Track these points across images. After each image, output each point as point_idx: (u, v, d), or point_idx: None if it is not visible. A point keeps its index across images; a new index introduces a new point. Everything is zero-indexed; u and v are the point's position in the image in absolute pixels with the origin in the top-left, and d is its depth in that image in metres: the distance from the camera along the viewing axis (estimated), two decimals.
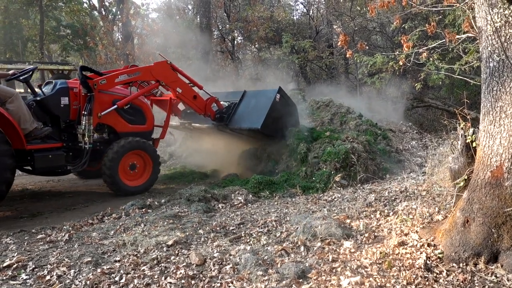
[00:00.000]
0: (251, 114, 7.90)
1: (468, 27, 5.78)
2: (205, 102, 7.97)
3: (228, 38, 19.81)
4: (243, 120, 7.95)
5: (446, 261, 3.38)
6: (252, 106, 8.10)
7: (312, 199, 6.29)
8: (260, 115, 7.64)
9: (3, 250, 4.32)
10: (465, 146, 3.80)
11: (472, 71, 10.79)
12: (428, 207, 4.52)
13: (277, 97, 7.82)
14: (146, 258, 3.90)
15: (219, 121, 8.15)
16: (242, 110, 8.14)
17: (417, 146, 9.83)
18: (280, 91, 7.99)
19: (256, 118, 7.68)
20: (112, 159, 6.77)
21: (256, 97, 8.29)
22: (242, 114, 8.06)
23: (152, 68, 7.36)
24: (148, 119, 7.75)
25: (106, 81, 6.75)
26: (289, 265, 3.47)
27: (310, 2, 20.11)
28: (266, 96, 8.05)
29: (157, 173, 7.44)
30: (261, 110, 7.75)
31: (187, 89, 7.76)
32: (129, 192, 6.99)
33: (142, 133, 7.55)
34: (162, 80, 7.44)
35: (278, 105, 7.88)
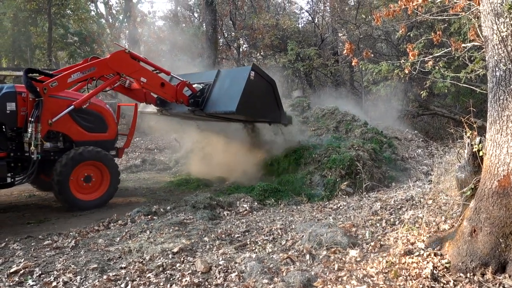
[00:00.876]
0: (226, 96, 7.24)
1: (474, 36, 5.78)
2: (175, 88, 7.39)
3: (233, 45, 19.94)
4: (218, 103, 7.31)
5: (453, 271, 3.36)
6: (226, 87, 7.42)
7: (318, 207, 6.28)
8: (234, 97, 6.97)
9: (10, 256, 4.35)
10: (472, 155, 3.78)
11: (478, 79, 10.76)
12: (434, 216, 4.49)
13: (251, 75, 7.12)
14: (151, 265, 3.90)
15: (194, 106, 7.49)
16: (217, 92, 7.47)
17: (423, 154, 9.79)
18: (255, 68, 7.31)
19: (230, 100, 7.02)
20: (60, 172, 6.21)
21: (230, 77, 7.61)
22: (217, 97, 7.39)
23: (109, 61, 6.68)
24: (110, 127, 7.22)
25: (58, 83, 6.12)
26: (294, 274, 3.46)
27: (315, 10, 20.23)
28: (239, 75, 7.36)
29: (115, 186, 6.87)
30: (235, 90, 7.09)
31: (153, 77, 7.15)
32: (83, 207, 6.46)
33: (103, 142, 7.00)
34: (122, 72, 6.79)
35: (254, 84, 7.19)
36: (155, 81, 7.17)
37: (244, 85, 6.97)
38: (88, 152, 6.49)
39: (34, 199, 7.44)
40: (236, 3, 18.91)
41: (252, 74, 7.12)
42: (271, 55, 19.06)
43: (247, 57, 20.92)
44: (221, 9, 18.54)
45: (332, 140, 9.57)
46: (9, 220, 6.03)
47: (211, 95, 7.45)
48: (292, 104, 12.45)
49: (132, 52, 6.98)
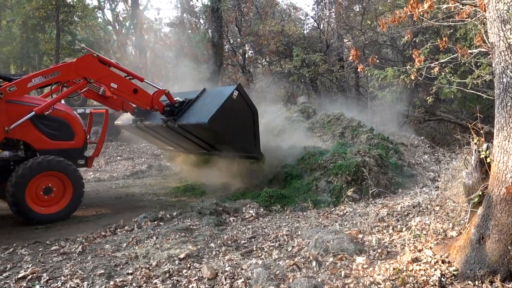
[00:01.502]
0: (203, 109, 7.00)
1: (480, 42, 5.78)
2: (151, 96, 7.09)
3: (239, 51, 20.05)
4: (192, 116, 7.03)
5: (461, 278, 3.33)
6: (206, 102, 7.20)
7: (324, 213, 6.26)
8: (210, 110, 6.73)
9: (18, 261, 4.39)
10: (479, 161, 3.76)
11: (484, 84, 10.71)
12: (442, 223, 4.46)
13: (234, 94, 6.89)
14: (158, 271, 3.91)
15: (168, 114, 7.20)
16: (196, 107, 7.24)
17: (429, 161, 9.74)
18: (240, 88, 7.06)
19: (206, 112, 6.76)
20: (15, 184, 5.73)
21: (213, 94, 7.43)
22: (195, 111, 7.15)
23: (74, 65, 6.25)
24: (77, 135, 6.80)
25: (16, 87, 5.77)
26: (301, 280, 3.45)
27: (320, 16, 20.31)
28: (222, 92, 7.20)
29: (79, 198, 6.42)
30: (213, 105, 6.88)
31: (125, 83, 6.78)
32: (40, 220, 6.00)
33: (69, 150, 6.62)
34: (90, 77, 6.34)
35: (235, 104, 6.91)
36: (127, 87, 6.81)
37: (224, 101, 6.76)
38: (48, 162, 5.99)
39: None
40: (241, 9, 19.05)
41: (235, 93, 6.92)
42: (276, 61, 19.14)
43: (252, 63, 21.02)
44: (227, 15, 18.67)
45: (338, 146, 9.55)
46: (17, 226, 6.08)
47: (189, 109, 7.23)
48: (297, 110, 12.45)
49: (101, 56, 6.63)
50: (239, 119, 7.08)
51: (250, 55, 20.67)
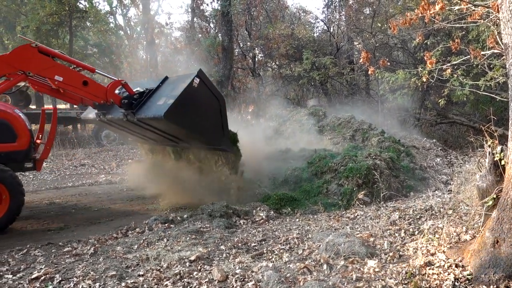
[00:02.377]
0: (161, 101, 6.40)
1: (493, 43, 5.71)
2: (105, 88, 6.47)
3: (249, 55, 20.11)
4: (150, 108, 6.44)
5: (475, 283, 3.27)
6: (166, 93, 6.57)
7: (334, 216, 6.22)
8: (168, 102, 6.15)
9: (31, 262, 4.45)
10: (493, 164, 3.71)
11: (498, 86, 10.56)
12: (455, 226, 4.40)
13: (195, 82, 6.24)
14: (169, 273, 3.93)
15: (126, 107, 6.60)
16: (155, 98, 6.63)
17: (441, 163, 9.62)
18: (201, 75, 6.37)
19: (163, 105, 6.17)
20: None
21: (174, 83, 6.73)
22: (154, 102, 6.55)
23: (9, 57, 5.61)
24: (20, 136, 6.25)
25: None
26: (312, 284, 3.43)
27: (330, 19, 20.27)
28: (182, 81, 6.51)
29: (16, 207, 5.85)
30: (171, 96, 6.26)
31: (72, 75, 6.11)
32: None
33: (11, 153, 6.10)
34: (28, 70, 5.68)
35: (197, 92, 6.29)
36: (75, 80, 6.11)
37: (182, 91, 6.12)
38: None
39: (54, 206, 7.60)
40: (251, 13, 19.13)
41: (196, 81, 6.27)
42: (286, 64, 19.15)
43: (262, 67, 21.06)
44: (237, 19, 18.76)
45: (348, 149, 9.50)
46: (30, 227, 6.17)
47: (148, 100, 6.61)
48: (308, 113, 12.43)
49: (42, 46, 5.88)
50: (202, 109, 6.44)
51: (260, 59, 20.72)
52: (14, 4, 21.54)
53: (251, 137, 10.82)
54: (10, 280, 3.92)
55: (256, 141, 10.80)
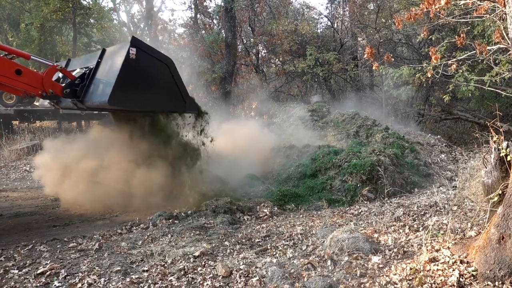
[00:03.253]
0: (103, 83, 5.81)
1: (499, 38, 5.65)
2: (41, 76, 5.86)
3: (252, 51, 20.06)
4: (95, 93, 5.85)
5: (480, 279, 3.26)
6: (107, 70, 5.93)
7: (338, 212, 6.21)
8: (109, 83, 5.55)
9: (37, 257, 4.47)
10: (499, 160, 3.68)
11: (503, 82, 10.48)
12: (460, 223, 4.38)
13: (132, 53, 5.63)
14: (173, 268, 3.95)
15: (70, 97, 5.99)
16: (97, 79, 5.97)
17: (446, 160, 9.57)
18: (136, 43, 5.71)
19: (105, 88, 5.62)
20: None
21: (112, 58, 6.02)
22: (97, 85, 5.93)
23: None
24: None
25: None
26: (316, 279, 3.44)
27: (334, 15, 20.17)
28: (118, 54, 5.86)
29: None
30: (111, 76, 5.64)
31: (1, 63, 5.50)
32: None
33: None
34: None
35: (137, 64, 5.70)
36: (6, 68, 5.48)
37: (121, 67, 5.50)
38: None
39: (59, 202, 7.63)
40: (255, 9, 19.05)
41: (132, 51, 5.63)
42: (289, 60, 19.09)
43: (266, 63, 21.01)
44: (240, 15, 18.71)
45: (352, 145, 9.48)
46: (35, 223, 6.20)
47: (92, 82, 5.96)
48: (311, 109, 12.40)
49: None
50: (150, 79, 5.92)
51: (263, 55, 20.67)
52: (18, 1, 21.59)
53: (254, 133, 10.83)
54: (16, 275, 3.95)
55: (259, 137, 10.81)
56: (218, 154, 10.00)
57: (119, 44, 6.20)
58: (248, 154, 9.43)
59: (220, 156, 9.62)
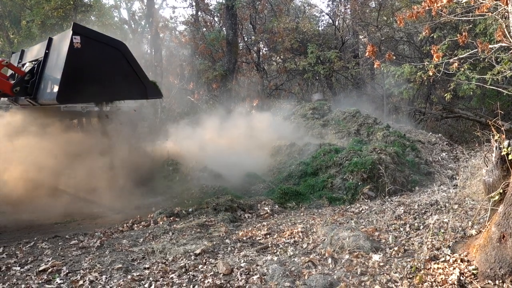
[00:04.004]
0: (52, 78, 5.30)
1: (501, 37, 5.63)
2: None
3: (253, 49, 20.02)
4: (46, 90, 5.37)
5: (480, 277, 3.27)
6: (55, 63, 5.41)
7: (339, 211, 6.22)
8: (56, 79, 5.10)
9: (39, 255, 4.49)
10: (500, 158, 3.68)
11: (505, 81, 10.46)
12: (460, 221, 4.39)
13: (76, 42, 5.06)
14: (174, 266, 3.96)
15: (22, 95, 5.58)
16: (47, 73, 5.48)
17: (447, 158, 9.57)
18: (79, 30, 5.16)
19: (53, 83, 5.17)
20: None
21: (59, 48, 5.48)
22: (48, 79, 5.43)
23: None
24: None
25: None
26: (316, 277, 3.44)
27: (335, 13, 20.10)
28: (63, 44, 5.30)
29: None
30: (58, 69, 5.17)
31: None
32: None
33: None
34: None
35: (84, 54, 5.15)
36: None
37: (65, 60, 5.03)
38: None
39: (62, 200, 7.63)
40: (256, 7, 19.00)
41: (76, 40, 5.07)
42: (291, 58, 19.04)
43: (267, 61, 20.97)
44: (241, 13, 18.65)
45: (353, 143, 9.48)
46: (37, 220, 6.21)
47: (42, 77, 5.47)
48: (312, 107, 12.39)
49: None
50: (102, 66, 5.46)
51: (264, 53, 20.61)
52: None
53: (255, 131, 10.83)
54: (18, 272, 3.97)
55: (260, 135, 10.81)
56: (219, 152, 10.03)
57: (63, 32, 5.66)
58: (249, 152, 9.44)
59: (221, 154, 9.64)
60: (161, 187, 8.15)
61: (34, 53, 6.26)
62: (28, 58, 6.18)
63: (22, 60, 6.51)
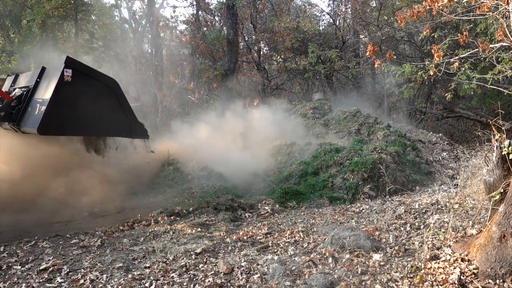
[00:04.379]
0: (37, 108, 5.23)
1: (502, 36, 5.63)
2: None
3: (254, 49, 20.01)
4: (30, 118, 5.32)
5: (481, 277, 3.27)
6: (42, 93, 5.39)
7: (340, 210, 6.22)
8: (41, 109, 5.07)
9: (39, 254, 4.50)
10: (501, 158, 3.67)
11: (506, 80, 10.45)
12: (461, 221, 4.39)
13: (67, 75, 5.04)
14: (175, 265, 3.96)
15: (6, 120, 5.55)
16: (34, 102, 5.40)
17: (448, 158, 9.56)
18: (71, 63, 5.14)
19: (38, 114, 5.09)
20: None
21: (49, 78, 5.45)
22: (34, 107, 5.34)
23: None
24: None
25: None
26: (317, 277, 3.45)
27: (336, 12, 20.08)
28: (54, 76, 5.29)
29: None
30: (44, 100, 5.14)
31: None
32: None
33: None
34: None
35: (74, 87, 5.12)
36: None
37: (53, 92, 5.00)
38: None
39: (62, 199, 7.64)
40: (256, 6, 18.99)
41: (67, 73, 5.05)
42: (291, 58, 19.03)
43: (267, 60, 20.95)
44: (242, 12, 18.63)
45: (354, 143, 9.47)
46: (38, 220, 6.21)
47: (28, 105, 5.41)
48: (313, 107, 12.38)
49: None
50: (90, 101, 5.40)
51: (265, 52, 20.59)
52: None
53: (255, 131, 10.83)
54: (19, 271, 3.97)
55: (261, 134, 10.80)
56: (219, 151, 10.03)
57: (58, 64, 5.62)
58: (249, 152, 9.45)
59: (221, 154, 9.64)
60: (161, 186, 8.16)
61: (27, 80, 6.24)
62: (21, 84, 6.14)
63: (15, 85, 6.45)
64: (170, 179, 8.43)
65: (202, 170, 8.49)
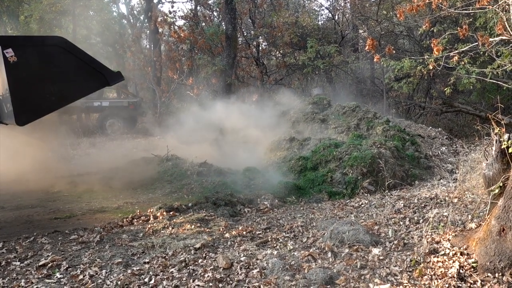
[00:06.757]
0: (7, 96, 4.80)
1: (501, 30, 5.60)
2: None
3: (253, 44, 19.93)
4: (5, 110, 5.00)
5: (480, 270, 3.27)
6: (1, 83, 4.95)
7: (339, 205, 6.22)
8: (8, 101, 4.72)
9: (38, 250, 4.49)
10: (500, 152, 3.67)
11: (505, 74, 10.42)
12: (460, 215, 4.39)
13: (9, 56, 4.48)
14: (174, 260, 3.97)
15: None
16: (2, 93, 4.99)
17: (447, 152, 9.56)
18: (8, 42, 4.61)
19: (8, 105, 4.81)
20: None
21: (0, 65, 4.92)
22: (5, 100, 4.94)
23: None
24: None
25: None
26: (316, 271, 3.45)
27: (335, 7, 20.01)
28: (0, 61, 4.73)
29: None
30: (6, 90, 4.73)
31: None
32: None
33: None
34: None
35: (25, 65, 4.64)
36: None
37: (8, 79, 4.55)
38: None
39: (60, 195, 7.65)
40: (255, 1, 18.90)
41: (9, 54, 4.49)
42: (290, 53, 18.97)
43: (266, 55, 20.88)
44: (241, 7, 18.54)
45: (353, 137, 9.46)
46: (37, 215, 6.21)
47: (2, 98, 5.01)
48: (312, 101, 12.36)
49: None
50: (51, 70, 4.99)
51: (264, 47, 20.51)
52: None
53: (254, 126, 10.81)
54: (18, 267, 3.97)
55: (259, 129, 10.79)
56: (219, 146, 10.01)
57: None
58: (249, 147, 9.43)
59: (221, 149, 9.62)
60: (160, 182, 8.15)
61: None
62: None
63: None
64: (169, 174, 8.42)
65: (201, 166, 8.47)
